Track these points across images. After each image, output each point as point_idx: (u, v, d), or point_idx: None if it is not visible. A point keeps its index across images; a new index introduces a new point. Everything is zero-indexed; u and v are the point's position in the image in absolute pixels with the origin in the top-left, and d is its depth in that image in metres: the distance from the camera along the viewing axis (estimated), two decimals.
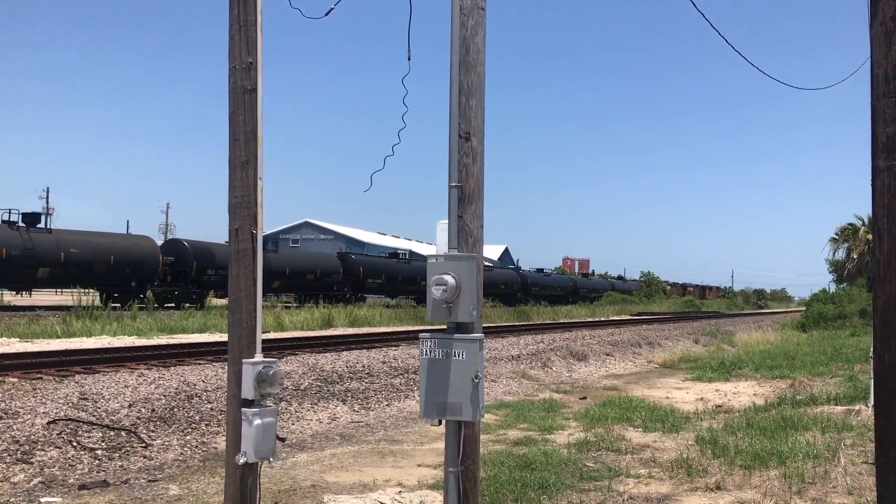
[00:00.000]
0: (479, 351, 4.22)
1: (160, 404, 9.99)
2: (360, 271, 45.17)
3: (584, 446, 9.15)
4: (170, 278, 34.09)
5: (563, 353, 21.14)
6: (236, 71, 4.63)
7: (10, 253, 26.95)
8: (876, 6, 3.63)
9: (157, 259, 32.85)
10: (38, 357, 13.29)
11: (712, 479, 7.26)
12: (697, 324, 40.36)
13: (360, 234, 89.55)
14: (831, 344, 26.34)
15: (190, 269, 34.30)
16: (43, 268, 28.04)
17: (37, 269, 27.92)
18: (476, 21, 4.39)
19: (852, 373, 16.16)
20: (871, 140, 3.65)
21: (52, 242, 28.54)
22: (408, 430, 10.78)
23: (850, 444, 8.70)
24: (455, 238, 4.33)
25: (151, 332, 21.92)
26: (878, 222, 3.61)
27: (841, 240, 57.45)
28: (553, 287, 68.71)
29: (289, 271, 40.11)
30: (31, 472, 7.58)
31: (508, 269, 66.35)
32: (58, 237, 29.00)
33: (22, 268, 27.47)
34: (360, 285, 45.42)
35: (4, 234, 27.64)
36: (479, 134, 4.41)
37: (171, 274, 34.08)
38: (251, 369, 4.49)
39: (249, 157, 4.62)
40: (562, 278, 75.26)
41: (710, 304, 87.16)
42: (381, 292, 48.22)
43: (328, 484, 7.54)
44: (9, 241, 27.44)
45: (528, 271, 68.20)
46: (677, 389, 16.25)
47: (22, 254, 27.26)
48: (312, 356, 15.13)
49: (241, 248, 4.65)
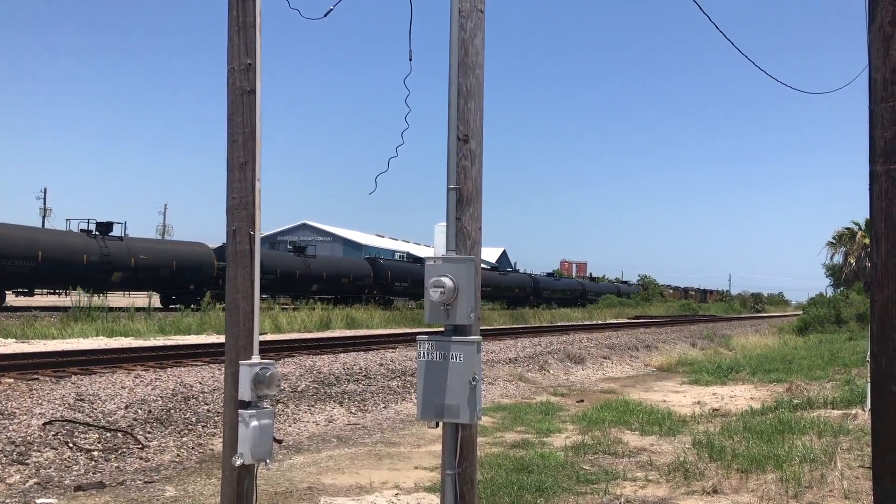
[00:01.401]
0: (477, 353, 4.22)
1: (157, 406, 9.97)
2: (388, 275, 47.49)
3: (580, 449, 9.14)
4: (221, 282, 35.38)
5: (560, 356, 21.14)
6: (235, 72, 4.63)
7: (89, 259, 29.87)
8: (874, 11, 3.64)
9: (213, 264, 35.36)
10: (34, 358, 13.26)
11: (709, 483, 7.26)
12: (695, 327, 40.38)
13: (358, 235, 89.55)
14: (828, 348, 26.37)
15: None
16: (117, 272, 30.99)
17: (111, 274, 30.83)
18: (475, 24, 4.39)
19: (849, 376, 16.18)
20: (869, 144, 3.65)
21: (124, 249, 31.37)
22: (405, 432, 10.77)
23: (846, 448, 8.71)
24: (453, 240, 4.33)
25: (150, 332, 21.90)
26: (875, 226, 3.61)
27: (838, 244, 57.46)
28: (563, 290, 71.68)
29: (325, 275, 42.82)
30: (27, 473, 7.56)
31: (522, 274, 69.05)
32: (128, 244, 31.80)
33: (99, 272, 30.31)
34: (388, 289, 47.68)
35: (84, 242, 30.52)
36: (477, 136, 4.41)
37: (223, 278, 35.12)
38: (248, 371, 4.48)
39: (248, 159, 4.62)
40: (571, 282, 78.14)
41: (709, 307, 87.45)
42: (407, 295, 49.96)
43: (325, 486, 7.53)
44: (88, 248, 30.26)
45: (540, 275, 71.14)
46: (674, 393, 16.26)
47: (99, 260, 30.19)
48: (310, 358, 15.12)
49: (238, 249, 4.65)
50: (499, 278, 61.52)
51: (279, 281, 39.42)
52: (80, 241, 30.60)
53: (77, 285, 30.14)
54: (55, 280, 30.25)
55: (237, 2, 4.63)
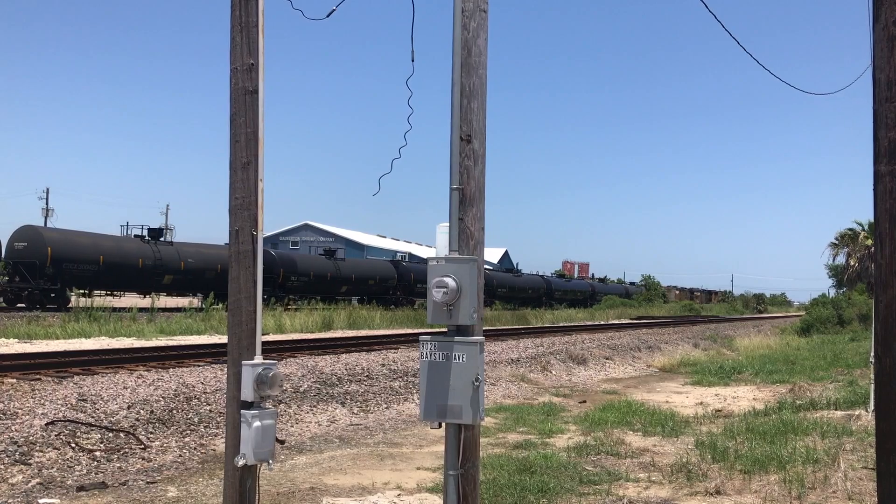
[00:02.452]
0: (480, 354, 4.22)
1: (159, 406, 9.98)
2: (411, 277, 49.72)
3: (583, 450, 9.13)
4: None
5: (562, 357, 21.13)
6: (238, 72, 4.63)
7: (144, 263, 32.57)
8: (878, 10, 3.63)
9: None
10: (36, 358, 13.27)
11: (712, 484, 7.25)
12: (697, 328, 40.33)
13: (360, 236, 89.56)
14: (831, 349, 26.35)
15: (277, 276, 39.22)
16: (168, 275, 33.55)
17: (163, 276, 33.41)
18: (478, 23, 4.39)
19: (852, 377, 16.16)
20: (873, 144, 3.64)
21: (174, 253, 34.01)
22: (407, 432, 10.77)
23: (850, 449, 8.69)
24: (456, 240, 4.33)
25: (152, 333, 21.90)
26: (879, 227, 3.60)
27: (841, 245, 57.42)
28: (574, 291, 74.87)
29: (354, 277, 45.48)
30: (30, 473, 7.57)
31: (535, 276, 71.38)
32: (178, 248, 34.47)
33: (153, 275, 32.95)
34: (411, 289, 49.77)
35: (139, 247, 33.26)
36: (480, 136, 4.41)
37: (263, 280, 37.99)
38: (251, 371, 4.48)
39: (250, 159, 4.62)
40: (581, 283, 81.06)
41: (711, 308, 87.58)
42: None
43: (327, 486, 7.53)
44: (143, 252, 33.02)
45: (552, 277, 74.94)
46: (677, 394, 16.24)
47: (153, 264, 32.85)
48: (312, 358, 15.11)
49: (241, 249, 4.65)
50: (514, 280, 63.92)
51: (312, 283, 42.00)
52: (136, 246, 33.39)
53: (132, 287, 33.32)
54: (114, 282, 32.72)
55: (240, 2, 4.63)
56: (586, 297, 74.88)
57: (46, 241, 29.65)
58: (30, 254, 29.18)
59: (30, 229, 30.87)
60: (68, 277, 30.10)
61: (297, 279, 40.68)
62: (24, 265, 28.98)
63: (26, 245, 29.53)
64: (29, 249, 29.32)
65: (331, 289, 43.59)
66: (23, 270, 28.94)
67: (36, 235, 30.18)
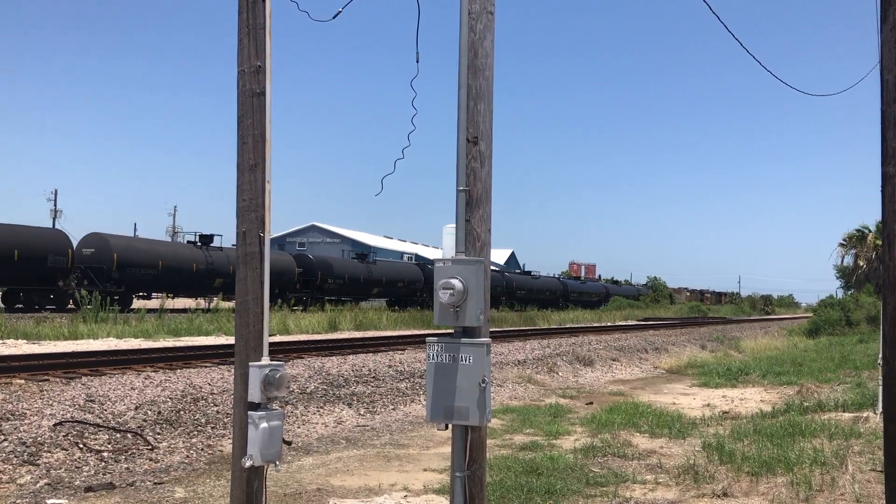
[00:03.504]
0: (486, 355, 4.22)
1: (166, 407, 10.01)
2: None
3: (590, 452, 9.12)
4: (299, 286, 41.60)
5: (569, 358, 21.10)
6: (245, 74, 4.64)
7: (198, 268, 35.08)
8: (886, 11, 3.62)
9: (294, 270, 40.92)
10: (45, 359, 13.33)
11: (719, 486, 7.22)
12: (704, 329, 40.23)
13: (367, 237, 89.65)
14: (839, 350, 26.23)
15: (315, 279, 42.37)
16: (219, 278, 36.18)
17: (215, 280, 36.06)
18: (485, 25, 4.39)
19: (860, 379, 16.09)
20: (882, 145, 3.64)
21: (224, 258, 36.57)
22: (414, 434, 10.77)
23: (857, 452, 8.65)
24: (462, 242, 4.33)
25: (158, 334, 21.98)
26: (887, 228, 3.59)
27: (849, 246, 57.22)
28: (589, 293, 76.13)
29: (385, 280, 47.67)
30: (38, 473, 7.60)
31: (552, 278, 72.75)
32: (227, 253, 37.00)
33: (205, 279, 35.61)
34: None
35: (193, 253, 35.90)
36: (487, 138, 4.41)
37: (301, 283, 41.88)
38: (258, 372, 4.49)
39: (258, 161, 4.62)
40: (596, 285, 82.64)
41: (718, 309, 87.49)
42: None
43: (334, 487, 7.54)
44: (196, 258, 35.67)
45: (568, 279, 76.48)
46: (684, 395, 16.20)
47: (206, 268, 35.43)
48: (318, 360, 15.14)
49: (248, 251, 4.66)
50: (532, 282, 65.45)
51: (347, 285, 44.63)
52: (190, 251, 36.02)
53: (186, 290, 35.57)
54: (170, 286, 34.71)
55: (247, 4, 4.65)
56: (601, 299, 76.62)
57: (112, 248, 31.98)
58: (97, 259, 31.52)
59: (97, 236, 32.89)
60: (131, 281, 32.48)
61: (333, 282, 43.68)
62: (92, 270, 31.18)
63: (94, 251, 31.85)
64: (96, 255, 31.65)
65: (363, 291, 46.15)
66: (91, 275, 31.04)
67: (103, 242, 32.37)
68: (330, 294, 43.70)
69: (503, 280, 61.72)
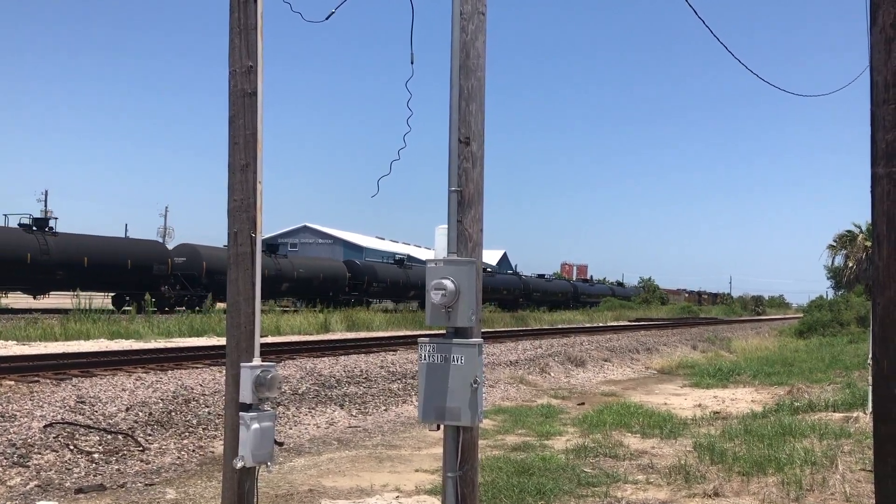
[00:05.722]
0: (478, 356, 4.22)
1: (157, 408, 9.97)
2: None
3: (581, 452, 9.13)
4: (347, 289, 45.96)
5: (561, 359, 21.13)
6: (236, 74, 4.63)
7: (268, 273, 36.53)
8: (875, 13, 3.64)
9: (345, 275, 45.47)
10: (35, 360, 13.26)
11: (710, 486, 7.25)
12: (695, 330, 40.33)
13: (359, 238, 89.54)
14: (829, 351, 26.37)
15: (363, 283, 46.62)
16: (285, 283, 39.97)
17: (281, 284, 39.58)
18: (476, 26, 4.40)
19: (850, 379, 16.17)
20: (871, 147, 3.65)
21: (289, 264, 40.97)
22: (406, 435, 10.77)
23: (848, 451, 8.70)
24: (454, 243, 4.34)
25: (150, 335, 21.90)
26: (877, 229, 3.61)
27: (839, 247, 57.46)
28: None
29: (420, 283, 48.82)
30: (28, 475, 7.56)
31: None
32: (291, 260, 41.96)
33: (274, 283, 38.24)
34: None
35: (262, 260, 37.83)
36: (479, 138, 4.42)
37: (350, 286, 46.21)
38: (249, 373, 4.49)
39: (249, 161, 4.62)
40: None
41: (710, 310, 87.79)
42: None
43: (325, 488, 7.53)
44: (266, 263, 36.24)
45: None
46: (675, 395, 16.25)
47: (274, 273, 38.27)
48: (310, 360, 15.11)
49: (240, 251, 4.65)
50: (546, 284, 65.98)
51: (388, 288, 48.21)
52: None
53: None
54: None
55: (239, 4, 4.64)
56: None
57: (202, 257, 36.24)
58: (189, 267, 35.74)
59: (188, 247, 37.62)
60: (217, 287, 34.66)
61: (377, 285, 47.69)
62: (185, 276, 35.40)
63: (185, 260, 35.99)
64: (187, 263, 35.81)
65: (402, 293, 49.68)
66: (184, 281, 35.38)
67: (193, 252, 36.65)
68: (374, 296, 47.63)
69: (521, 283, 62.04)
